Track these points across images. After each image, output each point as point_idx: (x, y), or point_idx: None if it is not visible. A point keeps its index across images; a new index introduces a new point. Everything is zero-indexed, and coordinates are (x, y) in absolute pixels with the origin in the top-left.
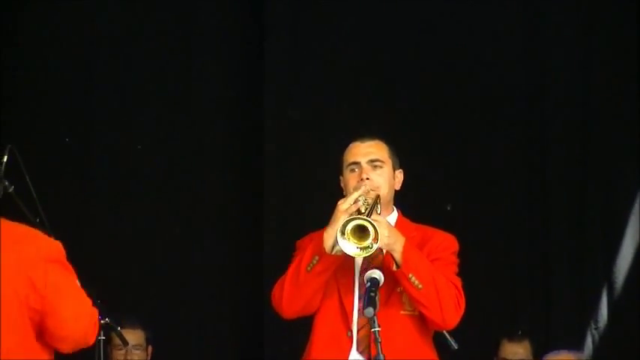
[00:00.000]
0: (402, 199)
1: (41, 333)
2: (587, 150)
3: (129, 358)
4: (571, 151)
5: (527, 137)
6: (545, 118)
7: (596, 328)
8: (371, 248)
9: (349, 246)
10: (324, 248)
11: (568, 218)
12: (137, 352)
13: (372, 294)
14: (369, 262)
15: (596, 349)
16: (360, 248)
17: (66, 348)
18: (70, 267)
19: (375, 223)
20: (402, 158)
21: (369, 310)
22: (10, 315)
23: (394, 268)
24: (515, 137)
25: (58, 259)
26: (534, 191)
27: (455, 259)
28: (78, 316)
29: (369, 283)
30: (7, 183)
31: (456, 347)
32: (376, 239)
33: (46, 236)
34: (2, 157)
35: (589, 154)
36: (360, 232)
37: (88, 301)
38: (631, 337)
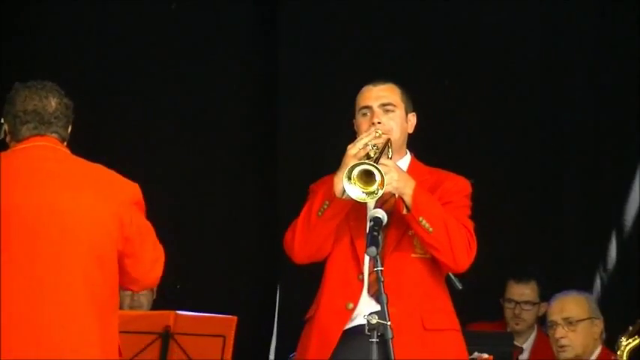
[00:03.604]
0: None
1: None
2: (600, 95)
3: (135, 299)
4: (585, 97)
5: (544, 80)
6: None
7: (604, 271)
8: (376, 193)
9: (355, 190)
10: (334, 193)
11: (580, 162)
12: (143, 293)
13: (375, 233)
14: (380, 206)
15: (605, 291)
16: (366, 193)
17: (135, 288)
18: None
19: (382, 168)
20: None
21: (372, 250)
22: (102, 256)
23: (404, 211)
24: (531, 81)
25: (140, 202)
26: (547, 134)
27: (467, 202)
28: (155, 261)
29: (371, 222)
30: None
31: (461, 287)
32: (382, 184)
33: (125, 178)
34: None
35: (602, 99)
36: (367, 176)
37: (161, 247)
38: (639, 279)
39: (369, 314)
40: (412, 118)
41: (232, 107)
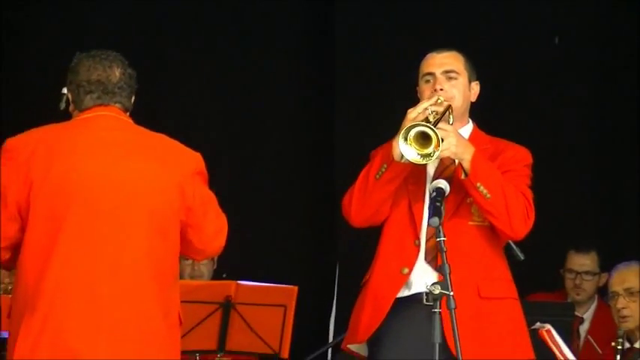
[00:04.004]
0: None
1: (180, 243)
2: None
3: (196, 268)
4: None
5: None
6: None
7: None
8: (432, 156)
9: (410, 151)
10: (392, 156)
11: (637, 130)
12: (204, 262)
13: (438, 204)
14: (440, 172)
15: None
16: (422, 155)
17: (198, 258)
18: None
19: (439, 132)
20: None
21: (434, 220)
22: (164, 226)
23: (462, 176)
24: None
25: (203, 171)
26: (606, 107)
27: (527, 172)
28: (218, 230)
29: (434, 193)
30: None
31: (523, 258)
32: (438, 146)
33: (188, 148)
34: None
35: None
36: (423, 139)
37: (224, 216)
38: None
39: (432, 284)
40: (475, 87)
41: (289, 81)
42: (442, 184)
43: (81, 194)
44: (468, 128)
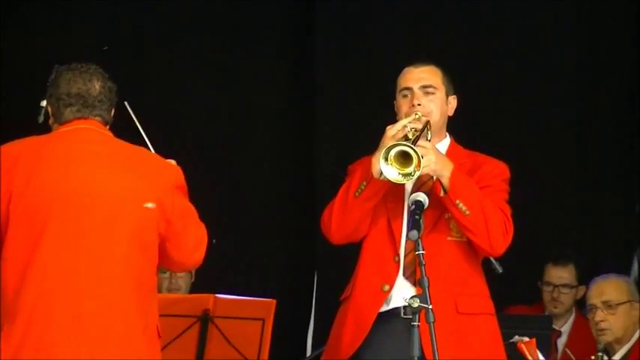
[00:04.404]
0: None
1: (159, 256)
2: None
3: (173, 281)
4: (623, 80)
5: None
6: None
7: None
8: (413, 175)
9: (392, 172)
10: (372, 173)
11: (617, 143)
12: (181, 275)
13: (417, 217)
14: (418, 188)
15: None
16: (403, 174)
17: (177, 270)
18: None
19: (419, 150)
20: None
21: (414, 233)
22: (144, 239)
23: (441, 194)
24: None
25: (182, 185)
26: (584, 116)
27: (505, 187)
28: (197, 243)
29: (413, 206)
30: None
31: (501, 271)
32: (419, 166)
33: (168, 161)
34: None
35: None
36: (404, 158)
37: (204, 228)
38: None
39: (411, 298)
40: (452, 101)
41: (270, 90)
42: (421, 197)
43: (61, 206)
44: (445, 143)
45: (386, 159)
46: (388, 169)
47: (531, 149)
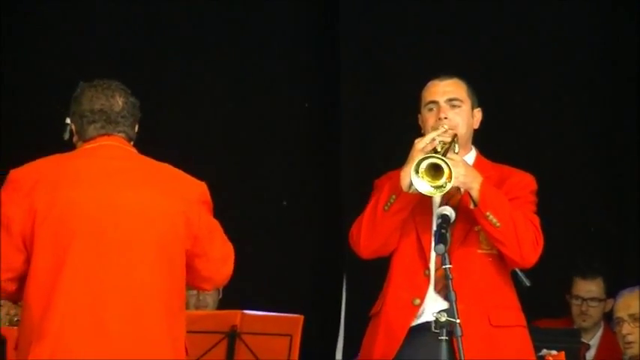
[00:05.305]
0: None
1: (187, 273)
2: None
3: (201, 298)
4: None
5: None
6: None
7: None
8: (444, 187)
9: (423, 184)
10: (401, 187)
11: None
12: (210, 292)
13: (443, 230)
14: (447, 201)
15: None
16: (434, 187)
17: (207, 287)
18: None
19: (449, 162)
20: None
21: (440, 247)
22: (171, 255)
23: (471, 206)
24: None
25: (207, 200)
26: (609, 131)
27: (533, 198)
28: (225, 258)
29: (439, 220)
30: None
31: (529, 284)
32: (450, 178)
33: (193, 177)
34: None
35: None
36: (435, 170)
37: (231, 244)
38: None
39: (438, 312)
40: (478, 114)
41: (294, 102)
42: (447, 210)
43: (85, 224)
44: (471, 155)
45: (417, 172)
46: (420, 182)
47: (557, 161)
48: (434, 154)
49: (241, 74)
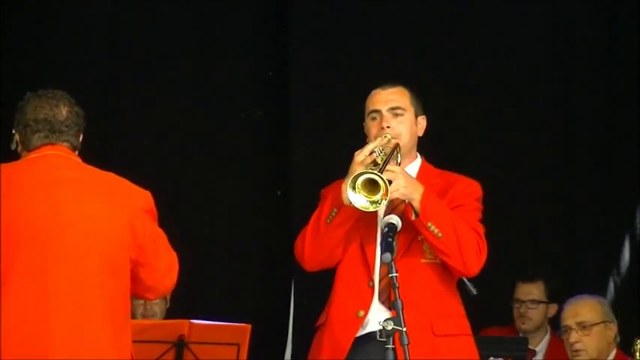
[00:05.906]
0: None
1: (132, 282)
2: (613, 97)
3: (148, 307)
4: (597, 98)
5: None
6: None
7: (618, 274)
8: (380, 203)
9: (359, 199)
10: (342, 200)
11: (592, 165)
12: (156, 301)
13: (390, 239)
14: (390, 211)
15: (618, 294)
16: (371, 202)
17: (151, 296)
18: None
19: (387, 176)
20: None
21: (387, 256)
22: (115, 264)
23: (413, 217)
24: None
25: (152, 209)
26: (559, 135)
27: (478, 206)
28: (169, 268)
29: (386, 229)
30: None
31: (475, 293)
32: (386, 194)
33: (137, 186)
34: None
35: (614, 100)
36: (372, 185)
37: (175, 253)
38: None
39: (385, 320)
40: (422, 121)
41: (244, 110)
42: (394, 219)
43: (30, 234)
44: (416, 163)
45: (353, 187)
46: (356, 197)
47: (506, 168)
48: (370, 170)
49: (194, 84)
